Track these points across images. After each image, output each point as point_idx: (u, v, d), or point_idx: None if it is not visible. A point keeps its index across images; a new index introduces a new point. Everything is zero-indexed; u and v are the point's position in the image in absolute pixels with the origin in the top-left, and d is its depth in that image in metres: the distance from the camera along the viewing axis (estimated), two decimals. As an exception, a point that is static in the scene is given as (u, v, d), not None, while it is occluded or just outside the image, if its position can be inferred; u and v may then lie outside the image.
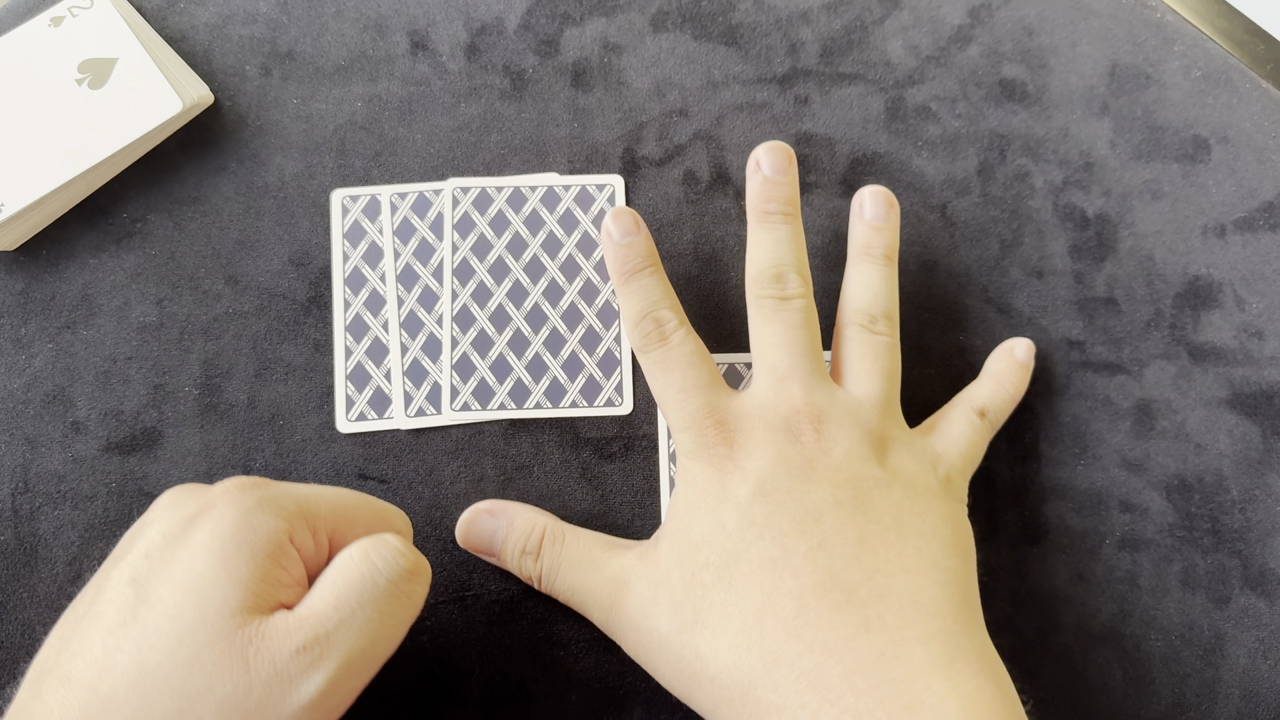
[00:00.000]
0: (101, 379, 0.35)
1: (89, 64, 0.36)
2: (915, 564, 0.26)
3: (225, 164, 0.37)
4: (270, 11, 0.38)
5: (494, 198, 0.36)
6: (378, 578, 0.23)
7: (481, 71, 0.37)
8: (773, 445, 0.28)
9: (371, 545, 0.24)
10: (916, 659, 0.24)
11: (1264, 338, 0.35)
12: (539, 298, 0.35)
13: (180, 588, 0.22)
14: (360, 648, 0.23)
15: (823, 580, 0.25)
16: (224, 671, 0.21)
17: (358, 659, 0.23)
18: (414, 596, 0.25)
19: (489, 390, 0.34)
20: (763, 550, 0.26)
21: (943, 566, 0.26)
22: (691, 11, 0.38)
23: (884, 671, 0.23)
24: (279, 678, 0.22)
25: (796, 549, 0.25)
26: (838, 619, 0.24)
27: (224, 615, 0.22)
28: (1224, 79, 0.37)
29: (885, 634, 0.24)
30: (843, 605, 0.24)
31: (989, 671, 0.25)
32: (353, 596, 0.23)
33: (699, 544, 0.27)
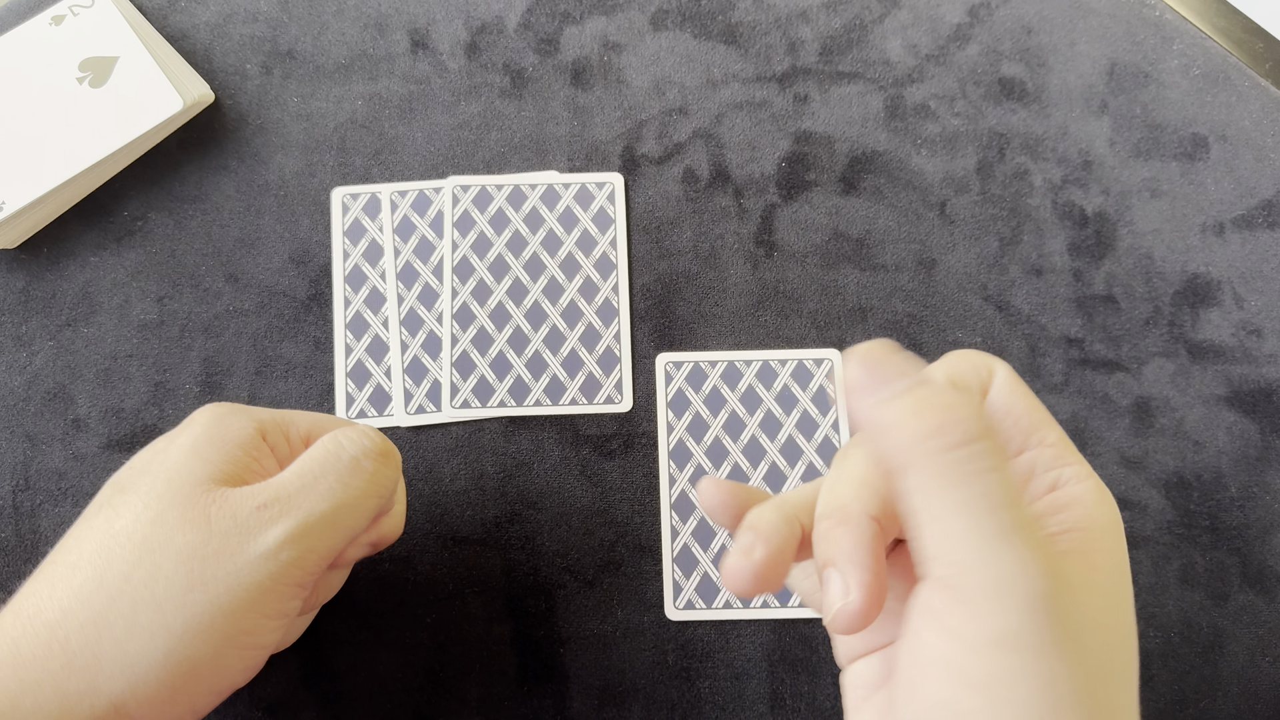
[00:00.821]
0: (102, 376, 0.35)
1: (90, 63, 0.36)
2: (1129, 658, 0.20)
3: (226, 162, 0.37)
4: (271, 10, 0.38)
5: (494, 196, 0.36)
6: (341, 452, 0.25)
7: (482, 70, 0.38)
8: None
9: (341, 430, 0.26)
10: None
11: (1262, 335, 0.35)
12: (539, 295, 0.35)
13: (154, 474, 0.24)
14: (320, 510, 0.24)
15: None
16: (185, 525, 0.23)
17: (317, 521, 0.24)
18: (378, 475, 0.26)
19: (489, 388, 0.34)
20: None
21: None
22: (691, 10, 0.38)
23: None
24: (238, 530, 0.23)
25: None
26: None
27: (189, 484, 0.24)
28: (1223, 77, 0.37)
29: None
30: None
31: None
32: (315, 466, 0.25)
33: None
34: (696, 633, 0.33)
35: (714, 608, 0.32)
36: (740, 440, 0.33)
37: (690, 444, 0.33)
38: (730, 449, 0.33)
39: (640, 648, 0.32)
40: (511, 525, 0.34)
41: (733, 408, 0.33)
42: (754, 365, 0.34)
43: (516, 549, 0.33)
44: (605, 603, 0.33)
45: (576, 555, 0.33)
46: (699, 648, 0.32)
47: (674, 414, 0.33)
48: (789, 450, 0.33)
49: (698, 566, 0.33)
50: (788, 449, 0.33)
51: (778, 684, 0.32)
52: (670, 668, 0.32)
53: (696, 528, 0.33)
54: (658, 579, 0.33)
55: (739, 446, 0.33)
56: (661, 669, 0.32)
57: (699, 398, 0.33)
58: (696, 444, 0.33)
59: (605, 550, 0.33)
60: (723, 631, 0.33)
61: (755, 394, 0.33)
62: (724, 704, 0.32)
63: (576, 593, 0.33)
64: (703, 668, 0.32)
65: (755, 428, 0.33)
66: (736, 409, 0.33)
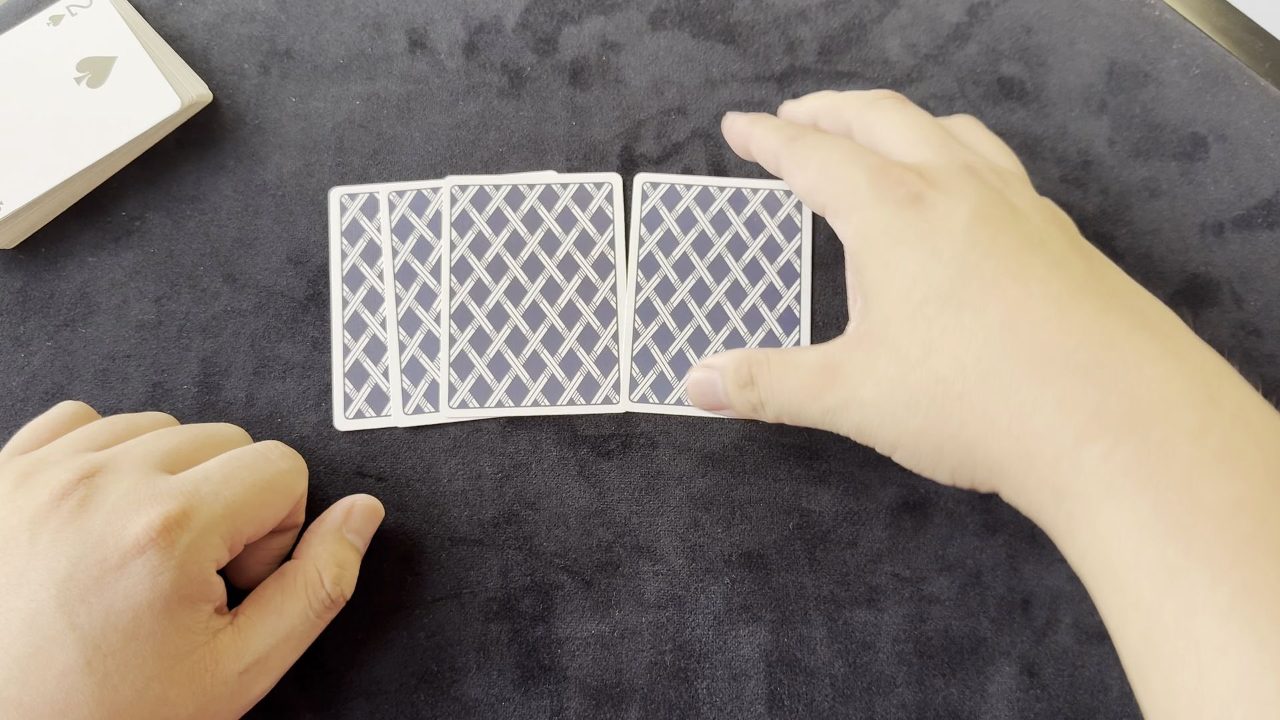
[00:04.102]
0: (100, 377, 0.35)
1: (88, 62, 0.36)
2: (1142, 290, 0.24)
3: (224, 162, 0.37)
4: (269, 10, 0.38)
5: (492, 196, 0.36)
6: (309, 613, 0.28)
7: (480, 70, 0.37)
8: (970, 183, 0.25)
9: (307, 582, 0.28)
10: (1199, 364, 0.22)
11: (1262, 335, 0.35)
12: (537, 295, 0.35)
13: (134, 640, 0.24)
14: (290, 660, 0.28)
15: (1075, 287, 0.23)
16: (187, 699, 0.25)
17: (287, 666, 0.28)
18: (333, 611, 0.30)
19: (487, 388, 0.34)
20: (996, 266, 0.23)
21: None
22: (690, 10, 0.38)
23: (1172, 368, 0.21)
24: (231, 694, 0.26)
25: (1035, 263, 0.23)
26: (1107, 318, 0.22)
27: (180, 658, 0.25)
28: (1222, 77, 0.37)
29: (1160, 336, 0.22)
30: (1105, 308, 0.23)
31: None
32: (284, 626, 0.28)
33: (911, 283, 0.24)
34: (695, 632, 0.32)
35: (667, 403, 0.34)
36: (706, 259, 0.35)
37: (659, 257, 0.35)
38: (696, 265, 0.35)
39: (638, 648, 0.32)
40: (509, 525, 0.34)
41: (702, 228, 0.35)
42: (727, 191, 0.36)
43: (514, 549, 0.33)
44: (603, 603, 0.33)
45: (574, 555, 0.33)
46: (697, 648, 0.32)
47: (646, 229, 0.35)
48: (751, 271, 0.35)
49: (654, 366, 0.34)
50: (750, 269, 0.35)
51: (775, 685, 0.32)
52: (668, 668, 0.32)
53: (657, 332, 0.35)
54: (656, 579, 0.33)
55: (705, 264, 0.35)
56: (659, 669, 0.32)
57: (671, 217, 0.35)
58: (665, 258, 0.35)
59: (603, 550, 0.33)
60: (720, 632, 0.33)
61: (725, 218, 0.35)
62: (721, 705, 0.32)
63: (574, 593, 0.33)
64: (700, 668, 0.32)
65: (723, 248, 0.35)
66: (706, 230, 0.35)
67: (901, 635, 0.33)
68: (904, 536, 0.33)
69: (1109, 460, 0.21)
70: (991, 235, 0.24)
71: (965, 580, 0.33)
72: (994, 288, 0.23)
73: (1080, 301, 0.23)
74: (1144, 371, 0.21)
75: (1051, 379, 0.22)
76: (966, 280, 0.24)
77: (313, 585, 0.28)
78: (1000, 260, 0.24)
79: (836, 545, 0.33)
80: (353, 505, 0.31)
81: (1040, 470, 0.22)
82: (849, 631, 0.33)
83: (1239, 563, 0.19)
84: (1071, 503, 0.22)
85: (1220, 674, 0.19)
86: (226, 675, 0.26)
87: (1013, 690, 0.32)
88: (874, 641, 0.33)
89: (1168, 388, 0.21)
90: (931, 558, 0.33)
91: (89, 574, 0.24)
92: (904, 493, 0.34)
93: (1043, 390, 0.22)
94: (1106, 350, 0.22)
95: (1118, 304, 0.23)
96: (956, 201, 0.25)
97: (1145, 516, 0.20)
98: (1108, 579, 0.21)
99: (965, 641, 0.32)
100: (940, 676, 0.32)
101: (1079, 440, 0.21)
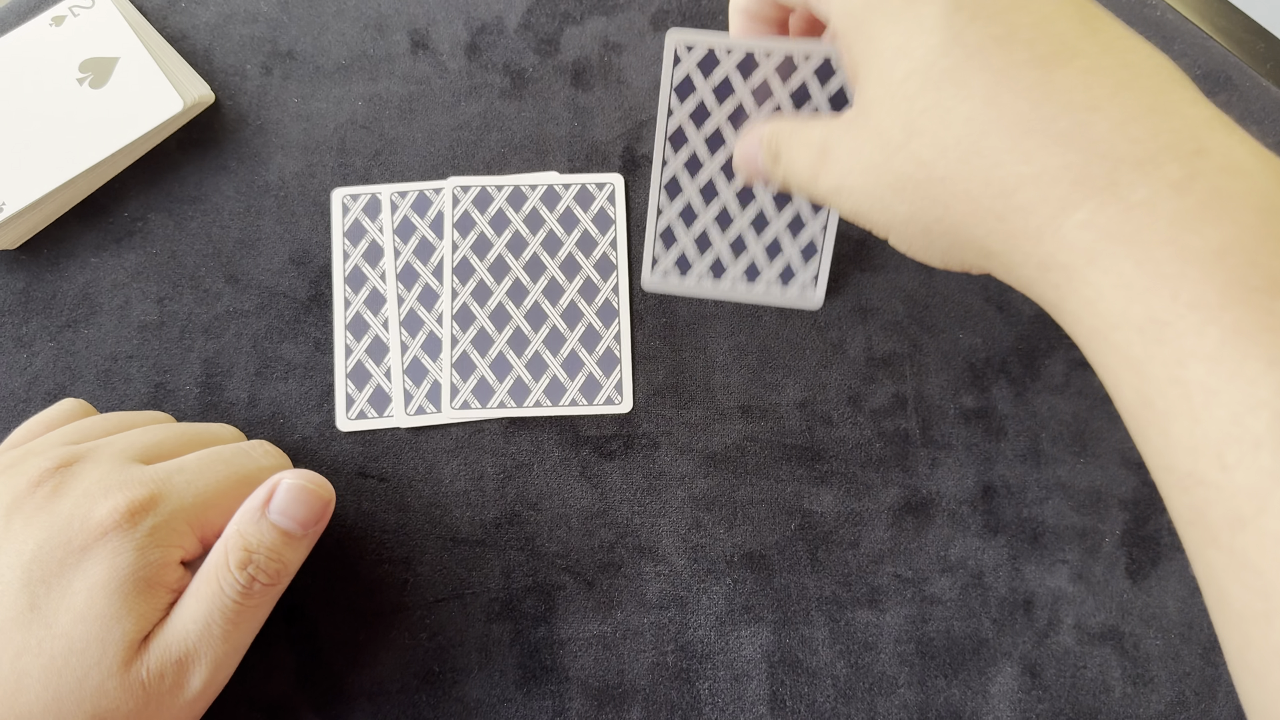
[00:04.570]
0: (103, 377, 0.35)
1: (90, 63, 0.36)
2: (1141, 44, 0.22)
3: (226, 163, 0.37)
4: (271, 11, 0.38)
5: (494, 196, 0.36)
6: (224, 598, 0.27)
7: (482, 70, 0.38)
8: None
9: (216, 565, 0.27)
10: (1189, 115, 0.21)
11: (1264, 336, 0.35)
12: (539, 296, 0.35)
13: (83, 621, 0.25)
14: (224, 649, 0.27)
15: (1060, 49, 0.22)
16: (126, 694, 0.25)
17: (222, 656, 0.27)
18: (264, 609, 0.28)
19: (489, 389, 0.34)
20: (981, 30, 0.22)
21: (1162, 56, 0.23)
22: (691, 10, 0.38)
23: (1159, 123, 0.20)
24: (170, 690, 0.26)
25: (1021, 23, 0.22)
26: (1093, 79, 0.21)
27: (123, 647, 0.25)
28: (1223, 77, 0.37)
29: (1149, 93, 0.21)
30: (1093, 68, 0.21)
31: None
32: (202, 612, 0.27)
33: (893, 58, 0.23)
34: (697, 632, 0.32)
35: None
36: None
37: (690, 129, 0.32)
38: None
39: (640, 649, 0.32)
40: (511, 526, 0.34)
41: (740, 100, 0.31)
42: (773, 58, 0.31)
43: (516, 550, 0.33)
44: (605, 604, 0.33)
45: (576, 556, 0.33)
46: (699, 649, 0.32)
47: (678, 98, 0.32)
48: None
49: (676, 244, 0.32)
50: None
51: (777, 685, 0.32)
52: (670, 669, 0.32)
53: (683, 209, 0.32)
54: (658, 579, 0.33)
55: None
56: (661, 670, 0.32)
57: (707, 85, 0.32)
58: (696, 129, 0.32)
59: (605, 551, 0.33)
60: (722, 633, 0.33)
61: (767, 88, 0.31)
62: (723, 705, 0.32)
63: (576, 593, 0.33)
64: (702, 669, 0.32)
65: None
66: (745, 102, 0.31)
67: (903, 636, 0.33)
68: (906, 537, 0.33)
69: (1090, 226, 0.20)
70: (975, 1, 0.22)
71: (967, 581, 0.33)
72: (977, 56, 0.22)
73: (1066, 63, 0.21)
74: (1128, 131, 0.20)
75: (1033, 152, 0.21)
76: (949, 49, 0.22)
77: (220, 568, 0.27)
78: (986, 22, 0.22)
79: (838, 546, 0.33)
80: (275, 485, 0.28)
81: (1025, 246, 0.22)
82: (851, 632, 0.33)
83: (1227, 304, 0.19)
84: (1057, 273, 0.21)
85: (1213, 418, 0.18)
86: (162, 667, 0.25)
87: (1014, 691, 0.32)
88: (876, 642, 0.33)
89: (1153, 144, 0.20)
90: (933, 559, 0.33)
91: (53, 555, 0.25)
92: (906, 494, 0.34)
93: (1024, 165, 0.21)
94: (1089, 113, 0.21)
95: (1108, 61, 0.22)
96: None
97: (1129, 274, 0.20)
98: (1100, 342, 0.21)
99: (967, 642, 0.32)
100: (942, 677, 0.32)
101: (1060, 211, 0.21)
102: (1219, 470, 0.18)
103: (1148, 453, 0.21)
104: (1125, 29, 0.23)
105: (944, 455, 0.34)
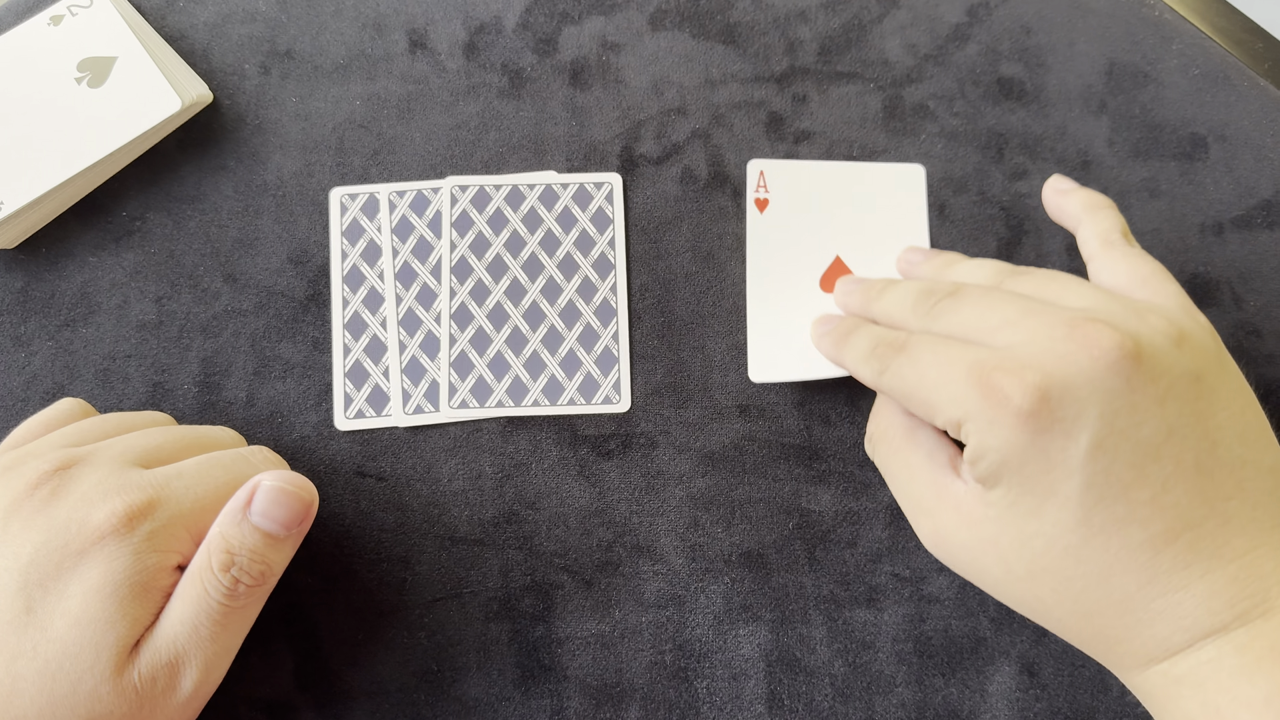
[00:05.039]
0: (101, 377, 0.35)
1: (88, 63, 0.36)
2: (1246, 472, 0.25)
3: (224, 162, 0.37)
4: (269, 10, 0.38)
5: (492, 196, 0.36)
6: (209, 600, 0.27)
7: (480, 70, 0.38)
8: (1092, 384, 0.24)
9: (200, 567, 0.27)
10: (1267, 575, 0.24)
11: (1261, 335, 0.35)
12: (537, 295, 0.35)
13: (78, 625, 0.25)
14: (213, 651, 0.27)
15: (1170, 525, 0.24)
16: (119, 699, 0.25)
17: (212, 657, 0.27)
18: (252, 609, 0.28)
19: (487, 388, 0.35)
20: (1106, 512, 0.24)
21: (1263, 455, 0.25)
22: (689, 10, 0.38)
23: (1238, 593, 0.24)
24: (162, 694, 0.26)
25: (1140, 499, 0.24)
26: (1192, 558, 0.24)
27: (117, 652, 0.25)
28: (1222, 77, 0.37)
29: (1239, 556, 0.24)
30: (1195, 543, 0.24)
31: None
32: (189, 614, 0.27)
33: (1027, 515, 0.25)
34: (695, 631, 0.33)
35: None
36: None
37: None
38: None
39: (638, 648, 0.32)
40: (509, 525, 0.34)
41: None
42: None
43: (514, 549, 0.33)
44: (603, 603, 0.33)
45: (574, 555, 0.33)
46: (697, 648, 0.32)
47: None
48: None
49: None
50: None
51: (775, 684, 0.32)
52: (668, 668, 0.32)
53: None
54: (656, 578, 0.33)
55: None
56: (659, 669, 0.32)
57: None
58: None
59: (603, 550, 0.33)
60: (720, 632, 0.33)
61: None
62: (721, 704, 0.32)
63: (574, 593, 0.33)
64: (700, 668, 0.32)
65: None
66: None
67: (901, 635, 0.33)
68: (904, 536, 0.33)
69: (1167, 675, 0.25)
70: (1107, 469, 0.24)
71: (965, 580, 0.33)
72: (1098, 538, 0.25)
73: (1173, 540, 0.24)
74: (1211, 606, 0.24)
75: (1133, 626, 0.25)
76: (1077, 528, 0.25)
77: (204, 571, 0.27)
78: (1111, 505, 0.24)
79: (836, 545, 0.33)
80: (255, 487, 0.28)
81: (1122, 669, 0.26)
82: (849, 631, 0.33)
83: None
84: (1142, 696, 0.26)
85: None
86: (153, 671, 0.26)
87: (1012, 690, 0.32)
88: (874, 641, 0.33)
89: (1228, 613, 0.24)
90: (931, 558, 0.33)
91: (51, 559, 0.25)
92: (904, 493, 0.34)
93: (1126, 632, 0.25)
94: (1182, 594, 0.24)
95: (1210, 526, 0.24)
96: (1075, 424, 0.24)
97: (1195, 713, 0.24)
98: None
99: (965, 641, 0.33)
100: (940, 676, 0.32)
101: (1146, 664, 0.25)
102: None
103: None
104: (1240, 444, 0.25)
105: (942, 454, 0.34)
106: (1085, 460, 0.24)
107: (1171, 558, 0.24)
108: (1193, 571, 0.24)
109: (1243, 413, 0.25)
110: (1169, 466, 0.24)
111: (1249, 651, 0.24)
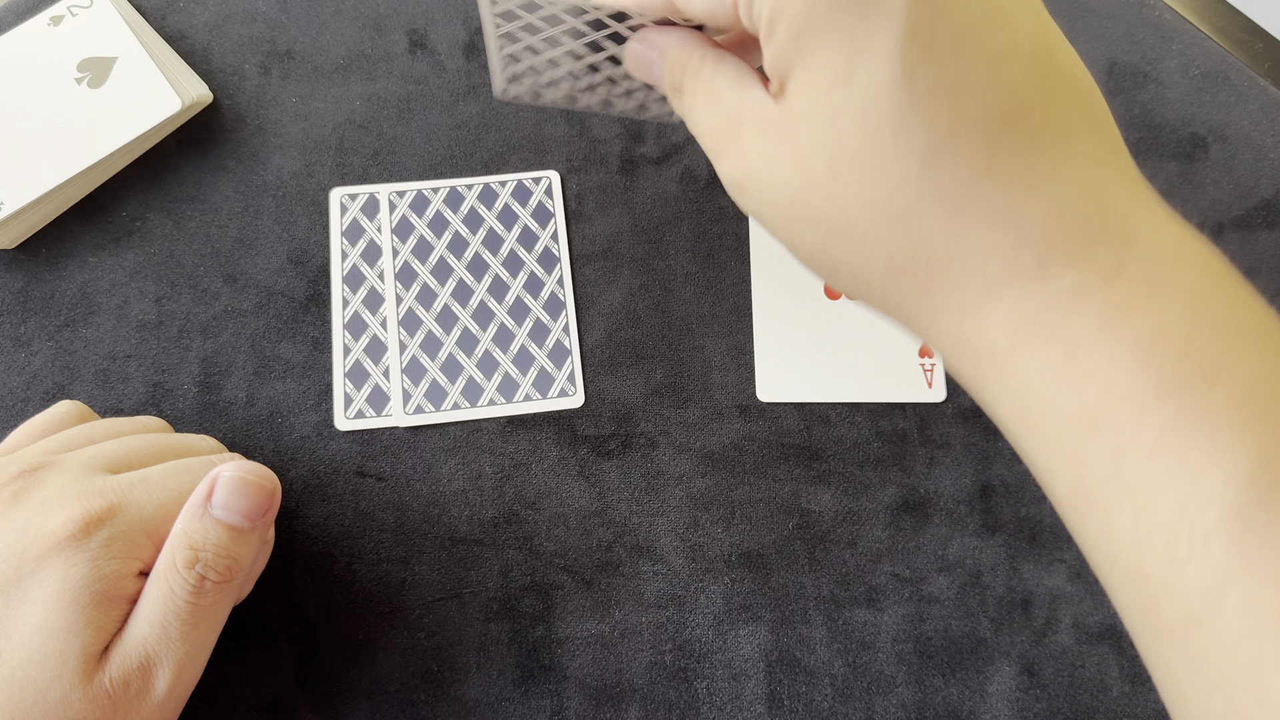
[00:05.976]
0: (101, 377, 0.35)
1: (88, 63, 0.36)
2: (1083, 90, 0.21)
3: (224, 163, 0.37)
4: (269, 11, 0.38)
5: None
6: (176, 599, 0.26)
7: (480, 70, 0.38)
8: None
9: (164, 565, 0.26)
10: (1120, 197, 0.20)
11: (1262, 336, 0.35)
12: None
13: (40, 633, 0.24)
14: (185, 650, 0.26)
15: (1009, 107, 0.20)
16: (92, 704, 0.25)
17: (184, 657, 0.26)
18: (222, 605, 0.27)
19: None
20: (930, 75, 0.20)
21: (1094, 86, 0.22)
22: (689, 10, 0.38)
23: (1092, 206, 0.20)
24: (136, 697, 0.26)
25: (975, 62, 0.20)
26: (1034, 148, 0.20)
27: (83, 660, 0.25)
28: (1222, 77, 0.37)
29: (1086, 167, 0.20)
30: (1036, 135, 0.20)
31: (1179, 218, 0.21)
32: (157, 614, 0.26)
33: (829, 85, 0.21)
34: (695, 632, 0.33)
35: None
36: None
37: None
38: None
39: (638, 648, 0.32)
40: (509, 525, 0.34)
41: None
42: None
43: (514, 549, 0.33)
44: (603, 603, 0.33)
45: (574, 555, 0.33)
46: (697, 648, 0.32)
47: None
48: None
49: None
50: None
51: (775, 684, 0.32)
52: (668, 668, 0.32)
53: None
54: (656, 579, 0.33)
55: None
56: (659, 669, 0.32)
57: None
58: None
59: (603, 550, 0.33)
60: (720, 632, 0.33)
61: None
62: (721, 704, 0.32)
63: (574, 593, 0.33)
64: (700, 668, 0.32)
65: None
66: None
67: (901, 635, 0.33)
68: (904, 537, 0.33)
69: (1016, 312, 0.20)
70: (934, 21, 0.20)
71: (965, 580, 0.33)
72: (923, 105, 0.20)
73: (1013, 126, 0.20)
74: (1062, 216, 0.20)
75: (964, 230, 0.20)
76: (894, 91, 0.20)
77: (169, 570, 0.26)
78: (939, 63, 0.20)
79: (836, 545, 0.33)
80: (214, 480, 0.27)
81: (942, 320, 0.21)
82: (849, 631, 0.33)
83: (1163, 395, 0.18)
84: (976, 354, 0.21)
85: (1158, 511, 0.18)
86: (125, 675, 0.25)
87: (1012, 690, 0.32)
88: (874, 641, 0.33)
89: (1084, 230, 0.20)
90: (931, 558, 0.33)
91: (9, 564, 0.25)
92: (904, 493, 0.34)
93: (954, 241, 0.20)
94: (1026, 194, 0.20)
95: (1053, 124, 0.20)
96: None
97: (1058, 363, 0.19)
98: (1027, 428, 0.21)
99: (965, 641, 0.33)
100: (940, 676, 0.32)
101: (986, 294, 0.20)
102: (1168, 566, 0.18)
103: (1087, 542, 0.20)
104: (1068, 60, 0.22)
105: (941, 454, 0.34)
106: (907, 6, 0.20)
107: (1012, 145, 0.20)
108: (1038, 165, 0.20)
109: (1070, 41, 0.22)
110: (1003, 40, 0.20)
111: (1119, 281, 0.19)
